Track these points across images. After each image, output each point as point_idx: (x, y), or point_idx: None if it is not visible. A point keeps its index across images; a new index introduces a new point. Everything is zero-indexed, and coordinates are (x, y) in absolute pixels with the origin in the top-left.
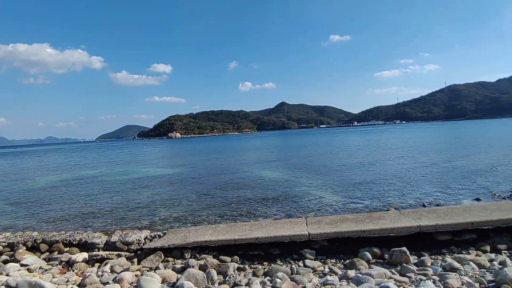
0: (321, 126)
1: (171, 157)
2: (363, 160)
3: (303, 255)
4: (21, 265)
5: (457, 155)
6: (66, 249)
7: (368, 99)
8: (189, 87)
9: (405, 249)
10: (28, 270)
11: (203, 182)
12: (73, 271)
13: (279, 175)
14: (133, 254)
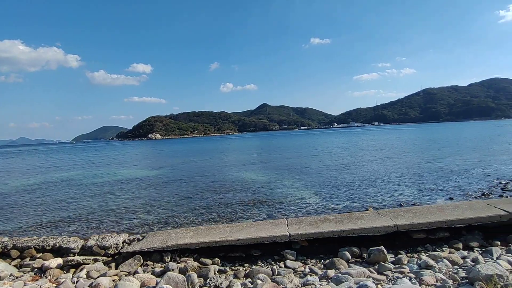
0: (302, 127)
1: (151, 159)
2: (343, 161)
3: (284, 256)
4: None
5: (432, 157)
6: (38, 255)
7: (347, 101)
8: (170, 88)
9: (382, 248)
10: None
11: (184, 184)
12: (46, 277)
13: (261, 177)
14: (110, 258)
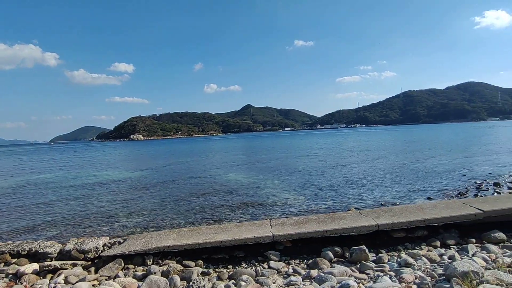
0: (286, 129)
1: (133, 160)
2: (326, 162)
3: (268, 257)
4: None
5: (412, 158)
6: (13, 260)
7: (330, 103)
8: (153, 88)
9: (364, 247)
10: None
11: (167, 186)
12: (21, 283)
13: (245, 178)
14: (90, 263)
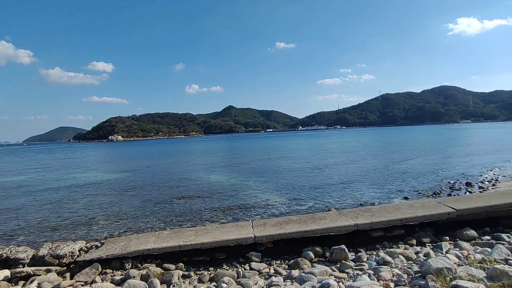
0: (268, 130)
1: (112, 162)
2: (307, 164)
3: (249, 258)
4: None
5: (389, 159)
6: None
7: (311, 105)
8: (132, 88)
9: (344, 246)
10: None
11: (147, 188)
12: None
13: (227, 179)
14: (65, 268)
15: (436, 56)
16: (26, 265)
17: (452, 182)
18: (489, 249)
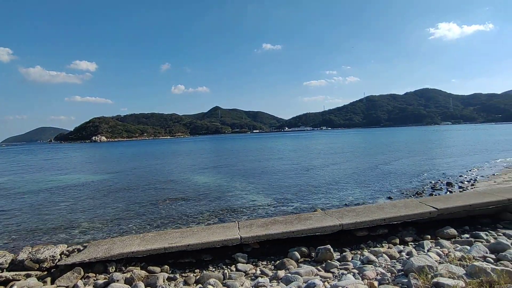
0: (254, 131)
1: (96, 163)
2: (293, 165)
3: (236, 259)
4: None
5: (374, 160)
6: None
7: (297, 106)
8: (117, 88)
9: (329, 246)
10: None
11: (131, 190)
12: None
13: (213, 181)
14: (46, 272)
15: (418, 59)
16: (4, 270)
17: (433, 182)
18: (468, 247)
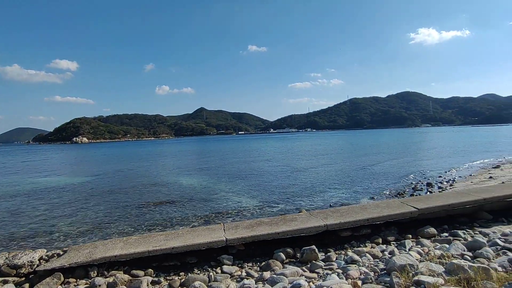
0: (240, 132)
1: (77, 165)
2: (279, 166)
3: (221, 261)
4: None
5: (358, 162)
6: None
7: (283, 107)
8: (99, 88)
9: (314, 247)
10: None
11: (114, 192)
12: None
13: (198, 182)
14: (24, 279)
15: (399, 63)
16: None
17: (414, 183)
18: (447, 245)
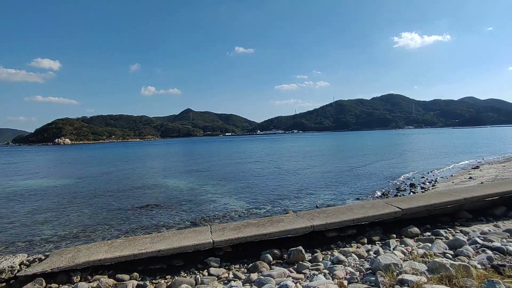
0: (227, 134)
1: (59, 167)
2: (265, 168)
3: (208, 264)
4: None
5: (343, 163)
6: None
7: (269, 109)
8: (82, 88)
9: (301, 248)
10: None
11: (98, 195)
12: None
13: (184, 184)
14: (4, 284)
15: (384, 66)
16: None
17: (398, 183)
18: (430, 244)
